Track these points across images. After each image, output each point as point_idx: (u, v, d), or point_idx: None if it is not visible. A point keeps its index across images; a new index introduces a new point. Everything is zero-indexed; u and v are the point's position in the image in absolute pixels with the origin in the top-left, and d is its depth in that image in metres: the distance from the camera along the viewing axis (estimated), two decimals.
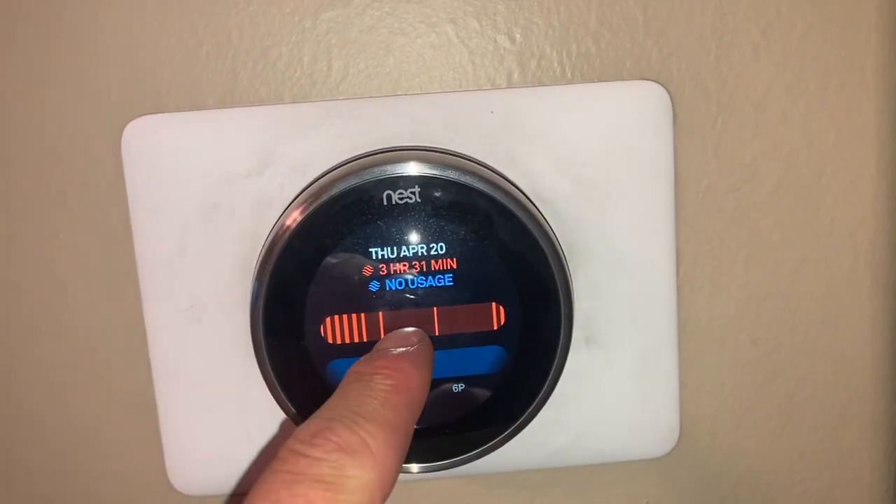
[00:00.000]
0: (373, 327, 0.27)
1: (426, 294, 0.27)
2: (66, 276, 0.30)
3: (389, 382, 0.22)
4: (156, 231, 0.29)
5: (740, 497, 0.34)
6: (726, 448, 0.33)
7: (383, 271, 0.27)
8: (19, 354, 0.31)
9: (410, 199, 0.27)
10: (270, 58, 0.29)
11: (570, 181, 0.29)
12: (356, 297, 0.27)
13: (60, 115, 0.29)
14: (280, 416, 0.28)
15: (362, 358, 0.24)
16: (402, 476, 0.29)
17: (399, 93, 0.29)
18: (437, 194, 0.27)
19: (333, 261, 0.27)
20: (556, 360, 0.28)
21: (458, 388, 0.28)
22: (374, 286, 0.27)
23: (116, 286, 0.30)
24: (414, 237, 0.27)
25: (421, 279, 0.27)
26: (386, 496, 0.20)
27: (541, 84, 0.29)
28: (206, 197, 0.29)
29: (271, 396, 0.28)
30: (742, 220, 0.31)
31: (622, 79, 0.30)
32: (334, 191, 0.26)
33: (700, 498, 0.34)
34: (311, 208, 0.26)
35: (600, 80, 0.29)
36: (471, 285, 0.27)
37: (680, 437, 0.32)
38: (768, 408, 0.33)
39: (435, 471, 0.29)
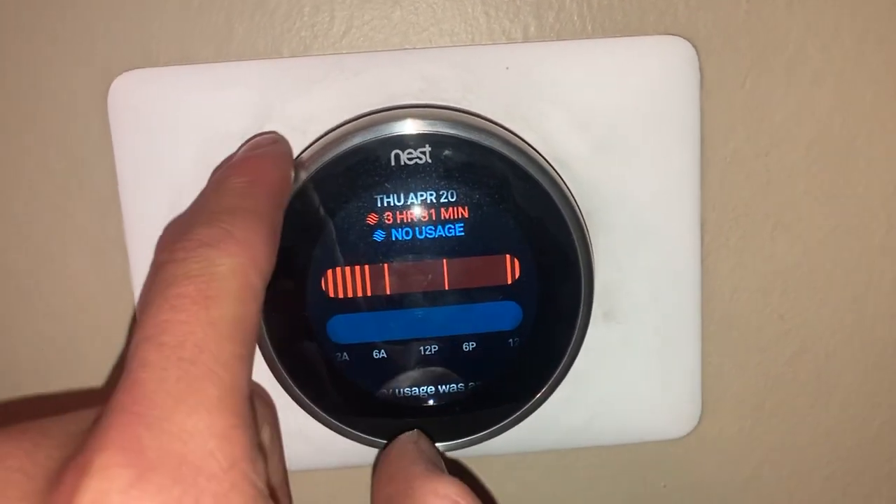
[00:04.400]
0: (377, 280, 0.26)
1: (437, 264, 0.25)
2: (49, 245, 0.28)
3: (244, 179, 0.22)
4: (145, 195, 0.27)
5: (764, 479, 0.32)
6: (750, 428, 0.32)
7: (390, 238, 0.25)
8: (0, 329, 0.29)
9: (420, 159, 0.25)
10: (268, 8, 0.27)
11: (588, 143, 0.27)
12: (360, 256, 0.25)
13: (40, 70, 0.27)
14: (276, 387, 0.26)
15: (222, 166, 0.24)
16: None
17: (407, 46, 0.28)
18: (449, 155, 0.25)
19: (337, 226, 0.25)
20: (575, 334, 0.26)
21: (471, 349, 0.26)
22: (380, 246, 0.25)
23: (103, 255, 0.29)
24: (424, 200, 0.25)
25: (432, 245, 0.25)
26: (265, 277, 0.20)
27: (559, 38, 0.28)
28: (199, 158, 0.27)
29: (267, 367, 0.26)
30: (771, 186, 0.29)
31: (646, 33, 0.28)
32: (337, 151, 0.25)
33: (722, 481, 0.32)
34: (312, 170, 0.25)
35: (623, 35, 0.28)
36: (485, 252, 0.25)
37: (701, 416, 0.31)
38: (795, 386, 0.31)
39: (447, 451, 0.27)
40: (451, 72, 0.27)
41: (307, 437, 0.28)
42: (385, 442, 0.27)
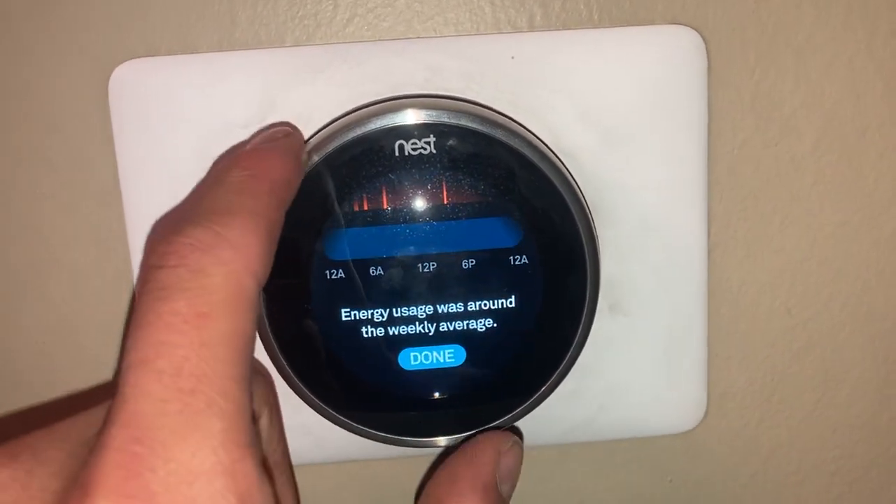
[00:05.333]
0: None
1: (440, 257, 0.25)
2: (50, 237, 0.28)
3: (246, 173, 0.21)
4: (146, 186, 0.27)
5: (770, 475, 0.32)
6: (756, 423, 0.31)
7: (394, 228, 0.25)
8: (1, 321, 0.29)
9: (425, 150, 0.24)
10: None
11: (595, 134, 0.27)
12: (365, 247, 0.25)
13: (41, 59, 0.27)
14: (282, 385, 0.26)
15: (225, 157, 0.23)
16: (409, 450, 0.28)
17: (411, 36, 0.27)
18: (454, 145, 0.24)
19: (340, 217, 0.25)
20: (581, 326, 0.26)
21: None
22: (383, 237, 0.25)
23: (104, 247, 0.28)
24: (428, 191, 0.25)
25: (436, 238, 0.25)
26: (260, 282, 0.19)
27: (565, 28, 0.27)
28: (200, 149, 0.26)
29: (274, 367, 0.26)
30: (779, 178, 0.29)
31: (653, 23, 0.27)
32: (340, 141, 0.24)
33: (728, 475, 0.32)
34: (315, 161, 0.24)
35: (630, 25, 0.27)
36: (489, 243, 0.25)
37: (707, 411, 0.30)
38: (802, 380, 0.31)
39: (452, 444, 0.27)
40: (455, 61, 0.26)
41: (307, 431, 0.28)
42: (389, 436, 0.26)
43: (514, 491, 0.25)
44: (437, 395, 0.26)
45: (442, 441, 0.27)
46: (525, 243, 0.25)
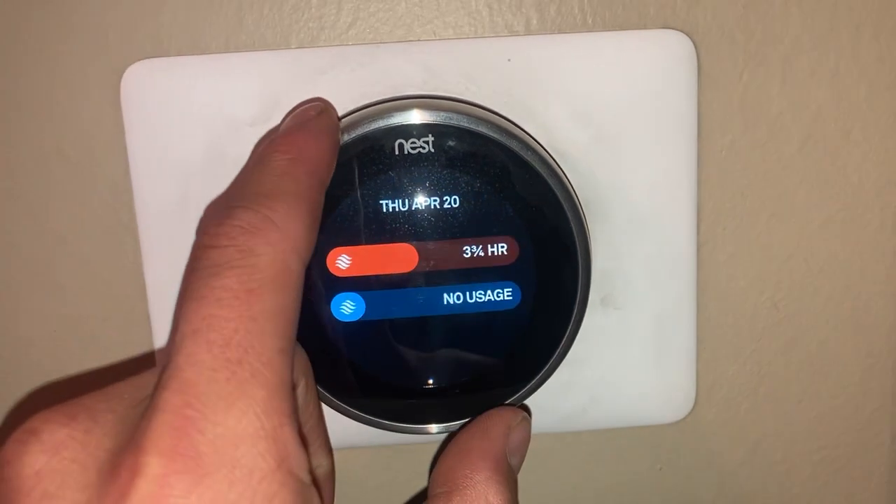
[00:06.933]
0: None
1: (438, 247, 0.26)
2: (63, 230, 0.29)
3: (286, 157, 0.22)
4: (156, 182, 0.28)
5: (757, 463, 0.33)
6: (744, 414, 0.32)
7: (394, 222, 0.26)
8: (15, 311, 0.30)
9: (423, 149, 0.25)
10: (277, 0, 0.28)
11: (588, 134, 0.28)
12: (364, 238, 0.26)
13: (55, 59, 0.28)
14: None
15: (265, 140, 0.24)
16: (404, 437, 0.28)
17: (411, 38, 0.28)
18: (452, 144, 0.25)
19: (341, 211, 0.26)
20: (573, 319, 0.27)
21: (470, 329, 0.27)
22: (383, 230, 0.26)
23: (115, 240, 0.29)
24: (426, 188, 0.26)
25: (433, 230, 0.26)
26: (304, 260, 0.21)
27: (560, 31, 0.28)
28: (209, 146, 0.27)
29: None
30: (766, 177, 0.30)
31: (645, 27, 0.28)
32: (342, 140, 0.25)
33: (716, 465, 0.33)
34: None
35: (622, 28, 0.28)
36: (485, 238, 0.26)
37: (696, 402, 0.31)
38: (788, 373, 0.32)
39: (445, 432, 0.28)
40: (454, 63, 0.27)
41: None
42: (384, 422, 0.27)
43: (522, 464, 0.26)
44: (432, 383, 0.27)
45: (434, 428, 0.28)
46: (519, 238, 0.26)
